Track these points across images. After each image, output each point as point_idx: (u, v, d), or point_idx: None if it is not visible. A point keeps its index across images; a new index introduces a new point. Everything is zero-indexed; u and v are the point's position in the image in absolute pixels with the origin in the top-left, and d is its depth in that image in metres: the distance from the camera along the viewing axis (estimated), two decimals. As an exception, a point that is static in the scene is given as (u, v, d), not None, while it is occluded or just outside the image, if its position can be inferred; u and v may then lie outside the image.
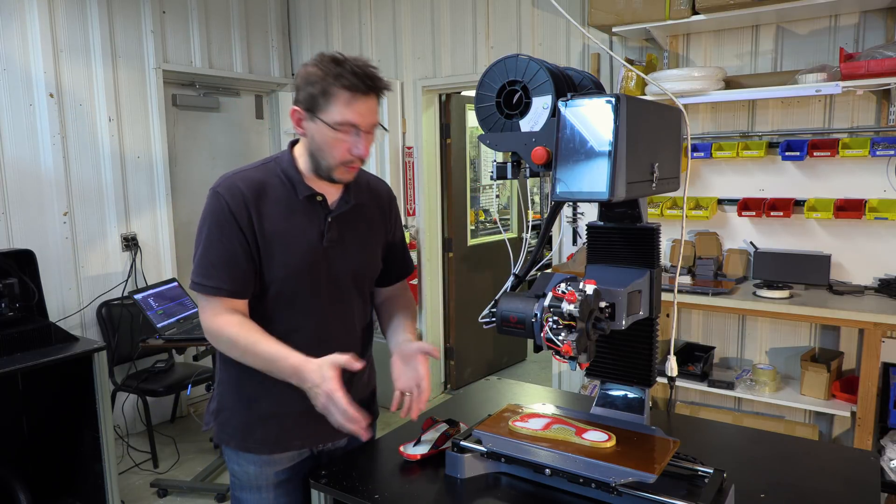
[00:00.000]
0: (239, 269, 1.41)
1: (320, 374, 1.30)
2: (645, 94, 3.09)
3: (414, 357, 1.48)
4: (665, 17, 2.98)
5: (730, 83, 3.05)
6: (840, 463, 1.48)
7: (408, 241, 4.32)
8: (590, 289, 1.16)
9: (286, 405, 1.49)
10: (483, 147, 4.79)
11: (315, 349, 1.45)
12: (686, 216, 2.82)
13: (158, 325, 3.24)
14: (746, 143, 3.06)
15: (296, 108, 1.40)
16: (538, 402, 1.57)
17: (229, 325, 1.39)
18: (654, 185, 1.28)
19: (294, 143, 1.51)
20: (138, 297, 3.31)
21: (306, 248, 1.45)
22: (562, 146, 1.18)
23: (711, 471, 1.26)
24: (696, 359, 3.16)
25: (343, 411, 1.28)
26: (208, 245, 1.41)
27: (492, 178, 1.37)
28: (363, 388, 1.65)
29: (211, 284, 1.40)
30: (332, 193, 1.50)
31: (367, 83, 1.35)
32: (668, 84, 2.93)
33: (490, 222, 5.18)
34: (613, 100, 1.13)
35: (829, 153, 2.84)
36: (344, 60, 1.36)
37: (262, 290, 1.45)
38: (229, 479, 1.61)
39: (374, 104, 1.40)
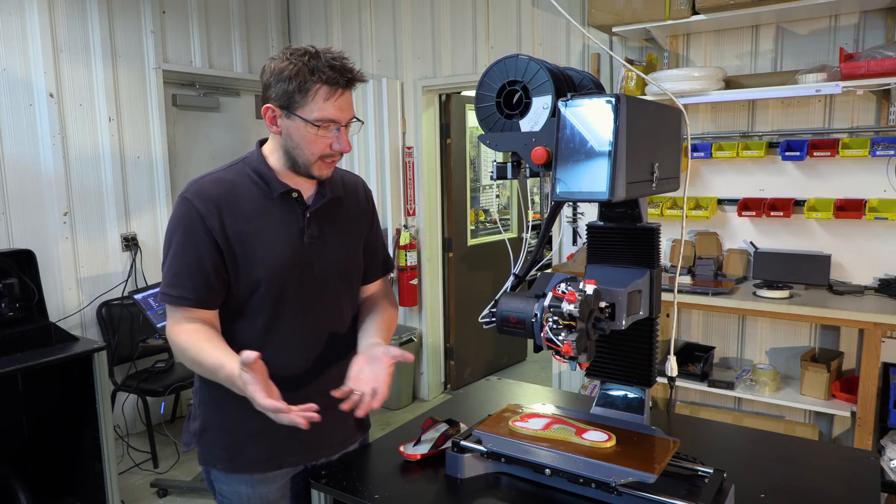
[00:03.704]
0: (204, 277, 1.34)
1: (241, 380, 1.21)
2: (645, 94, 3.08)
3: (380, 360, 1.36)
4: (665, 17, 2.98)
5: (730, 83, 3.05)
6: (840, 463, 1.48)
7: (408, 241, 4.33)
8: (590, 289, 1.16)
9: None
10: (483, 147, 4.80)
11: (304, 348, 1.44)
12: (686, 216, 2.81)
13: (158, 325, 3.24)
14: (746, 143, 3.05)
15: (269, 105, 1.35)
16: (538, 402, 1.57)
17: (182, 333, 1.34)
18: (654, 185, 1.28)
19: (262, 142, 1.46)
20: (138, 297, 3.31)
21: (286, 246, 1.39)
22: (562, 146, 1.18)
23: (711, 471, 1.27)
24: (696, 359, 3.15)
25: (266, 407, 1.18)
26: (175, 253, 1.36)
27: (492, 178, 1.37)
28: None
29: (175, 294, 1.35)
30: (306, 189, 1.45)
31: (345, 77, 1.33)
32: (668, 84, 2.93)
33: (490, 222, 5.18)
34: (613, 100, 1.13)
35: (829, 153, 2.84)
36: (317, 53, 1.31)
37: (247, 292, 1.39)
38: (217, 500, 1.51)
39: (351, 98, 1.37)
